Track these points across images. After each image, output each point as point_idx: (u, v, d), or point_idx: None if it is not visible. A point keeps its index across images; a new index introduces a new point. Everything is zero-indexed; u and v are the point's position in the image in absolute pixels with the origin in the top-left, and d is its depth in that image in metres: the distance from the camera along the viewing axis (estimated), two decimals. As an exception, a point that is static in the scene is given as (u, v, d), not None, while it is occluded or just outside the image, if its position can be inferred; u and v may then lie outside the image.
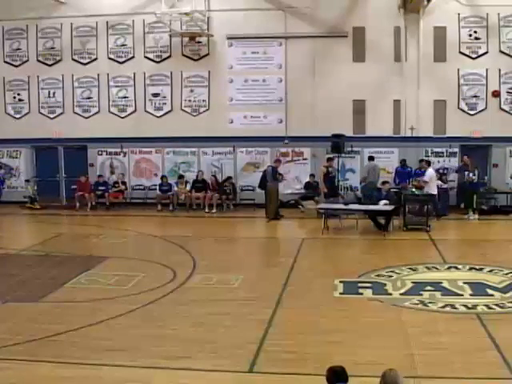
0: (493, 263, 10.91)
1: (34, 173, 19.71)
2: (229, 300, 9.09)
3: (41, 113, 19.46)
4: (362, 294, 9.36)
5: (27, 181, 19.44)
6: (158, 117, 18.91)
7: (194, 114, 18.78)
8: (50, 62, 19.26)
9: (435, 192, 15.62)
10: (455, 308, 8.50)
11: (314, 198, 17.28)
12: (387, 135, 17.80)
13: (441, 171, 17.49)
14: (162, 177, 18.62)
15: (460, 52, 17.50)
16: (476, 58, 17.48)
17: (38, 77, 19.31)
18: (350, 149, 17.98)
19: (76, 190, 18.76)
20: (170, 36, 18.47)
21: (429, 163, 16.63)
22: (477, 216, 16.26)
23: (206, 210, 17.82)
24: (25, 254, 12.58)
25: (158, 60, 18.84)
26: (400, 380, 4.29)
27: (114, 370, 6.48)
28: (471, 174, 16.52)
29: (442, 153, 17.87)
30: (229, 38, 18.32)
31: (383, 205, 14.49)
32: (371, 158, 17.37)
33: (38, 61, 19.26)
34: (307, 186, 17.79)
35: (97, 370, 6.45)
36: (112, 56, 18.97)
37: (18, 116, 19.60)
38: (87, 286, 9.93)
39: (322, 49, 17.87)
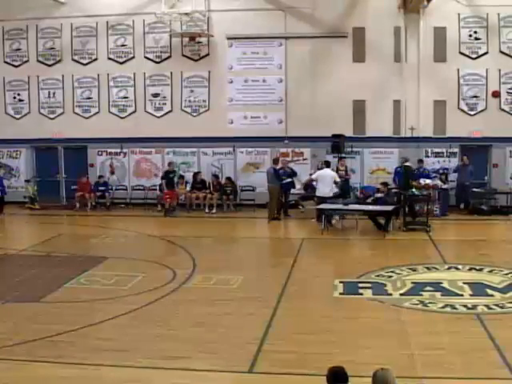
0: (493, 263, 10.91)
1: (33, 173, 19.71)
2: (229, 300, 9.08)
3: (41, 113, 19.47)
4: (361, 294, 9.36)
5: (27, 181, 19.43)
6: (158, 117, 18.92)
7: (194, 114, 18.78)
8: (49, 63, 19.26)
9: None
10: (455, 308, 8.49)
11: (313, 198, 17.25)
12: (387, 135, 17.80)
13: (441, 171, 17.51)
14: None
15: (460, 52, 17.50)
16: (476, 58, 17.48)
17: (38, 77, 19.31)
18: (349, 149, 17.99)
19: (76, 190, 18.78)
20: (170, 36, 18.48)
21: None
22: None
23: (206, 211, 17.81)
24: (25, 254, 12.58)
25: (158, 60, 18.84)
26: (390, 379, 4.27)
27: (113, 370, 6.48)
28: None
29: (442, 153, 17.88)
30: (229, 39, 18.32)
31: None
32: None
33: (38, 61, 19.27)
34: (307, 186, 17.75)
35: (97, 370, 6.45)
36: (112, 56, 18.97)
37: (18, 116, 19.61)
38: (87, 286, 9.93)
39: (321, 49, 17.87)
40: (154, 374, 6.46)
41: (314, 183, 15.81)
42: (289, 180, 16.85)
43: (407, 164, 16.31)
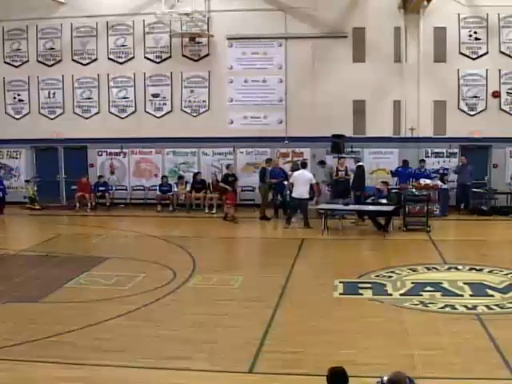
0: (493, 264, 10.91)
1: (33, 173, 19.70)
2: (228, 300, 9.09)
3: (41, 113, 19.46)
4: (361, 294, 9.36)
5: (27, 181, 19.41)
6: (157, 117, 18.91)
7: (194, 114, 18.78)
8: (49, 63, 19.25)
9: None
10: (455, 308, 8.50)
11: (313, 198, 17.23)
12: (387, 136, 17.80)
13: (441, 171, 17.51)
14: (162, 177, 18.62)
15: (460, 52, 17.50)
16: (476, 58, 17.48)
17: (38, 77, 19.29)
18: (349, 149, 17.98)
19: (76, 190, 18.78)
20: (170, 36, 18.47)
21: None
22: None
23: (206, 211, 17.80)
24: (25, 254, 12.58)
25: (158, 60, 18.84)
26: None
27: (113, 371, 6.49)
28: None
29: (442, 153, 17.88)
30: (229, 39, 18.32)
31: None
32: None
33: (38, 61, 19.26)
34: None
35: (96, 371, 6.45)
36: (112, 56, 18.97)
37: (18, 116, 19.60)
38: (87, 287, 9.93)
39: (321, 49, 17.86)
40: (154, 375, 6.46)
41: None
42: (274, 180, 16.85)
43: (360, 164, 16.55)
